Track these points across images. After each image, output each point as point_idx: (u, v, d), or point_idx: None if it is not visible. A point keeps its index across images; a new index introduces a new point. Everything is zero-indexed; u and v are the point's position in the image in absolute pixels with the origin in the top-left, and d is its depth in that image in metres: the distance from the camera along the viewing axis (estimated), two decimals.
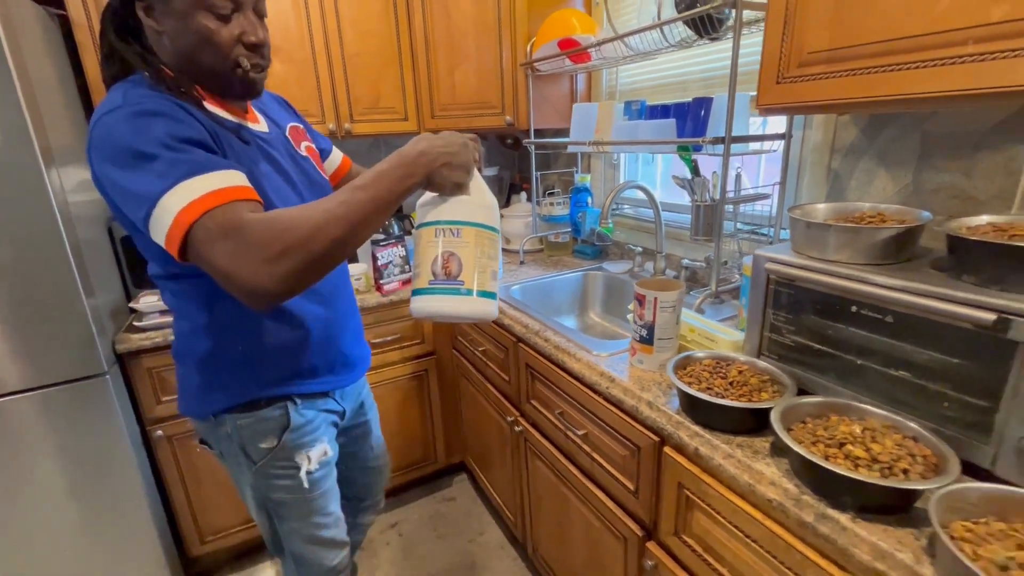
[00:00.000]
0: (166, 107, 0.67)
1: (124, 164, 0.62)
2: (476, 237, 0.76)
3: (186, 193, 0.61)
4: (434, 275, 0.74)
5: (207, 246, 0.60)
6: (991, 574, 0.49)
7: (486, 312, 0.76)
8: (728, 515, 0.77)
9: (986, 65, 0.64)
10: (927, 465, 0.63)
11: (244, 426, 0.87)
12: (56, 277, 1.18)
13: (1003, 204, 0.90)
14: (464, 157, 0.75)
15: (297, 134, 0.95)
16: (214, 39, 0.72)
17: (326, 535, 1.01)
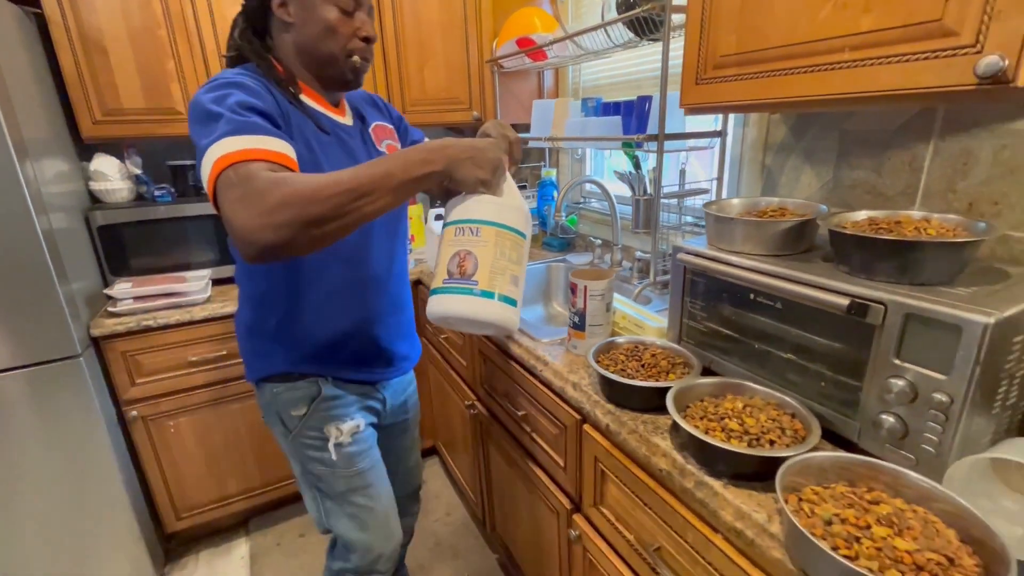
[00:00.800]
0: (247, 82, 0.76)
1: (197, 122, 0.70)
2: (497, 237, 0.71)
3: (227, 145, 0.66)
4: (449, 274, 0.71)
5: (223, 193, 0.64)
6: (815, 528, 0.55)
7: (502, 317, 0.71)
8: (631, 485, 0.83)
9: (858, 71, 0.69)
10: (795, 437, 0.69)
11: (278, 393, 0.95)
12: (30, 263, 1.25)
13: (908, 199, 0.95)
14: (491, 155, 0.73)
15: (381, 132, 1.01)
16: (337, 29, 0.83)
17: (367, 518, 1.02)
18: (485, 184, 0.73)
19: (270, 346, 0.93)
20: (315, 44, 0.84)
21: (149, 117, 1.58)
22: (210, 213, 1.67)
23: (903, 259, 0.66)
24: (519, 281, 0.74)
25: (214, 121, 0.68)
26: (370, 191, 0.65)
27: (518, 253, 0.74)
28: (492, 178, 0.74)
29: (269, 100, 0.77)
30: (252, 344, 0.96)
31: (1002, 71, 0.55)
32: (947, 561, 0.50)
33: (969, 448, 0.62)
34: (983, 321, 0.56)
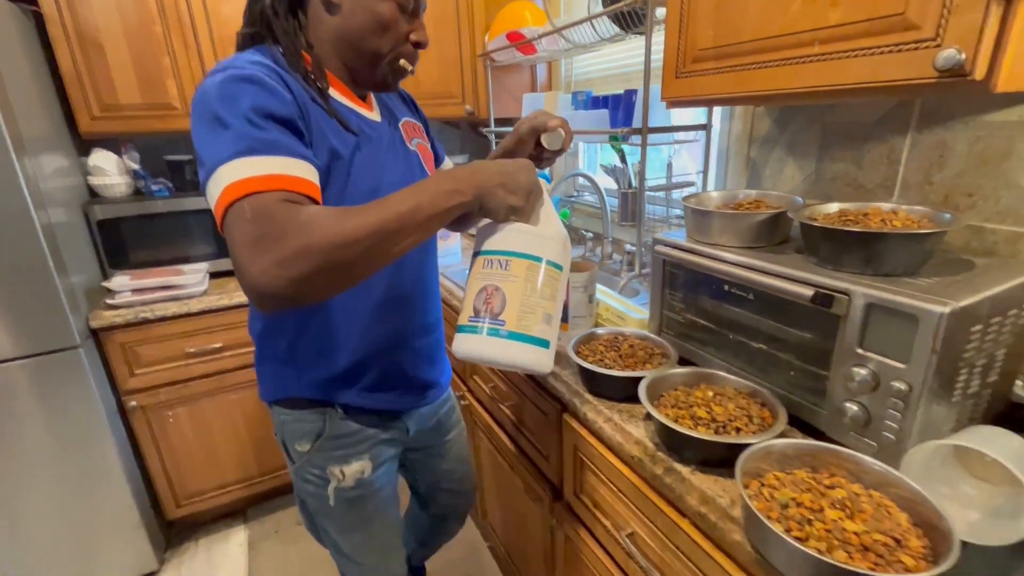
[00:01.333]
0: (264, 76, 0.65)
1: (204, 125, 0.62)
2: (528, 272, 0.65)
3: (241, 169, 0.58)
4: (476, 311, 0.66)
5: (235, 228, 0.56)
6: (772, 511, 0.57)
7: (531, 361, 0.65)
8: (606, 472, 0.85)
9: (828, 64, 0.70)
10: (762, 425, 0.71)
11: (286, 422, 0.86)
12: (30, 257, 1.28)
13: (886, 192, 0.96)
14: (523, 179, 0.67)
15: (411, 130, 0.92)
16: (392, 27, 0.73)
17: (370, 561, 0.97)
18: (517, 212, 0.67)
19: (282, 371, 0.84)
20: (362, 37, 0.73)
21: (146, 113, 1.61)
22: (207, 208, 1.69)
23: (867, 250, 0.67)
24: (553, 319, 0.67)
25: (224, 130, 0.60)
26: (398, 230, 0.58)
27: (552, 288, 0.67)
28: (525, 204, 0.67)
29: (288, 100, 0.66)
30: (263, 367, 0.88)
31: (959, 64, 0.56)
32: (894, 542, 0.51)
33: (930, 435, 0.63)
34: (939, 310, 0.57)
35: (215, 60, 1.65)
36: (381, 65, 0.77)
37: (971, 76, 0.57)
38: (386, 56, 0.76)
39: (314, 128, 0.70)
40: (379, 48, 0.75)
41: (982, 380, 0.67)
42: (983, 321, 0.61)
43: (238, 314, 1.63)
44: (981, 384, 0.67)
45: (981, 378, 0.66)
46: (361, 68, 0.77)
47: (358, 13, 0.72)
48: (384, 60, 0.76)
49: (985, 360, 0.65)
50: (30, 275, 1.29)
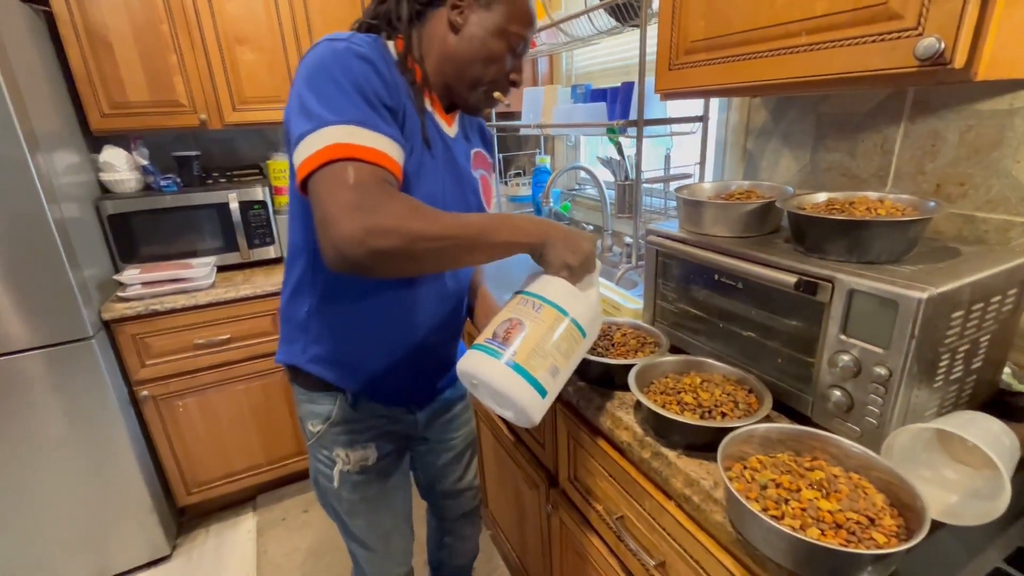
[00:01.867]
0: (379, 60, 0.69)
1: (318, 83, 0.64)
2: (555, 322, 0.67)
3: (352, 135, 0.61)
4: (493, 335, 0.67)
5: (332, 186, 0.59)
6: (751, 492, 0.58)
7: (523, 399, 0.63)
8: (598, 458, 0.87)
9: (814, 55, 0.71)
10: (747, 411, 0.72)
11: (301, 402, 0.91)
12: (42, 250, 1.32)
13: (880, 182, 0.96)
14: (585, 246, 0.72)
15: (480, 160, 0.95)
16: (497, 64, 0.78)
17: (374, 544, 1.00)
18: (569, 270, 0.71)
19: (297, 335, 0.87)
20: (469, 62, 0.77)
21: (154, 110, 1.65)
22: (214, 203, 1.73)
23: (851, 238, 0.68)
24: (559, 375, 0.67)
25: (337, 92, 0.63)
26: (473, 244, 0.64)
27: (569, 346, 0.69)
28: (578, 267, 0.71)
29: (395, 94, 0.70)
30: (284, 329, 0.90)
31: (939, 53, 0.57)
32: (868, 521, 0.53)
33: (911, 420, 0.65)
34: (917, 296, 0.58)
35: (221, 57, 1.68)
36: (477, 91, 0.81)
37: (951, 64, 0.57)
38: (484, 85, 0.80)
39: (407, 131, 0.74)
40: (481, 76, 0.79)
41: (966, 366, 0.67)
42: (964, 307, 0.62)
43: (244, 307, 1.67)
44: (965, 370, 0.68)
45: (964, 364, 0.67)
46: (458, 88, 0.81)
47: (474, 41, 0.76)
48: (481, 88, 0.80)
49: (968, 346, 0.66)
50: (44, 268, 1.33)
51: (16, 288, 1.31)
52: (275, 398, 1.81)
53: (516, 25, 0.77)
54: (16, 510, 1.44)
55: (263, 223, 1.82)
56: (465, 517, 1.24)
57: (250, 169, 1.98)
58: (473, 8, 0.75)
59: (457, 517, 1.23)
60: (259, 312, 1.70)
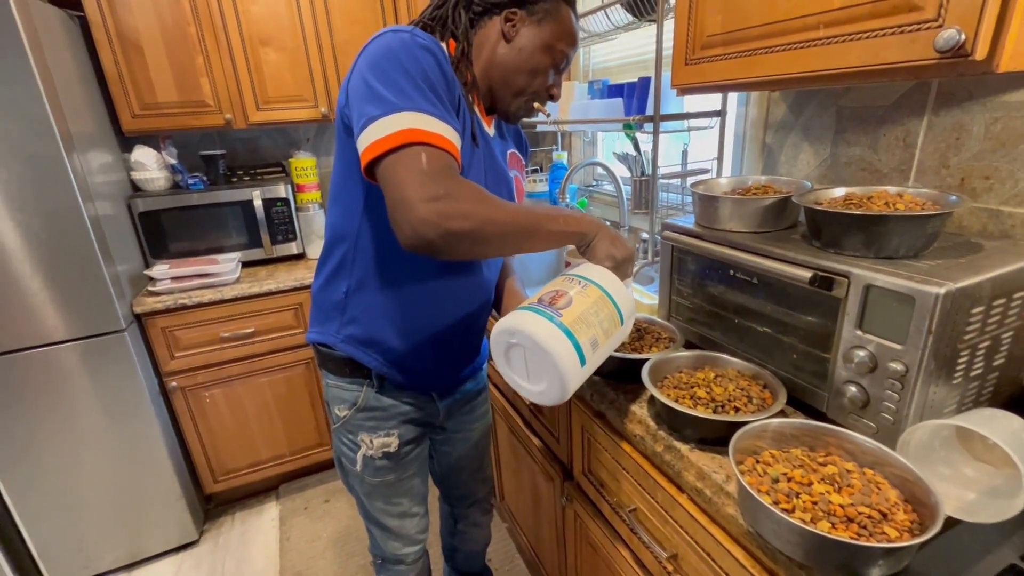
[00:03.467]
0: (440, 54, 0.72)
1: (386, 70, 0.66)
2: (599, 299, 0.68)
3: (424, 122, 0.64)
4: (539, 300, 0.68)
5: (407, 170, 0.61)
6: (762, 485, 0.58)
7: (563, 360, 0.62)
8: (611, 451, 0.88)
9: (831, 48, 0.70)
10: (761, 405, 0.72)
11: (329, 387, 0.94)
12: (78, 246, 1.38)
13: (902, 176, 0.95)
14: (629, 245, 0.76)
15: (514, 161, 0.99)
16: (541, 76, 0.83)
17: (389, 523, 1.04)
18: (613, 261, 0.74)
19: (333, 314, 0.89)
20: (514, 72, 0.82)
21: (182, 110, 1.70)
22: (239, 200, 1.78)
23: (867, 233, 0.67)
24: (598, 350, 0.67)
25: (406, 80, 0.66)
26: (534, 232, 0.68)
27: (609, 326, 0.69)
28: (621, 261, 0.75)
29: (453, 88, 0.74)
30: (316, 310, 0.93)
31: (959, 45, 0.56)
32: (880, 515, 0.53)
33: (928, 416, 0.64)
34: (934, 292, 0.57)
35: (245, 58, 1.72)
36: (519, 100, 0.85)
37: (972, 56, 0.57)
38: (526, 95, 0.85)
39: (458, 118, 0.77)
40: (525, 87, 0.84)
41: (987, 363, 0.66)
42: (985, 303, 0.61)
43: (268, 301, 1.71)
44: (986, 367, 0.67)
45: (986, 360, 0.66)
46: (502, 94, 0.85)
47: (523, 53, 0.81)
48: (523, 97, 0.85)
49: (989, 342, 0.65)
50: (80, 264, 1.39)
51: (54, 283, 1.38)
52: (297, 390, 1.86)
53: (562, 43, 0.82)
54: (57, 495, 1.52)
55: (286, 220, 1.87)
56: (477, 504, 1.27)
57: (273, 167, 2.03)
58: (525, 22, 0.80)
59: (470, 505, 1.26)
60: (282, 306, 1.74)
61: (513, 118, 0.89)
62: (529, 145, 1.11)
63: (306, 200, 1.97)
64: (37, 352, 1.40)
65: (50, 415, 1.46)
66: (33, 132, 1.27)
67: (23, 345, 1.39)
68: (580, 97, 1.52)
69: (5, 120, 1.24)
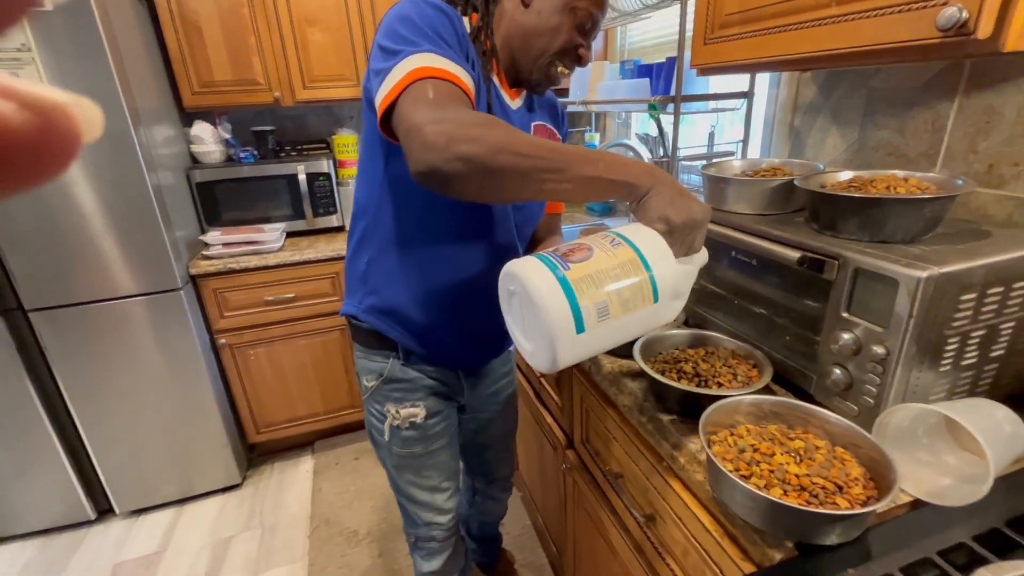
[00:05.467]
0: (453, 14, 0.72)
1: (395, 28, 0.67)
2: (627, 264, 0.57)
3: (427, 60, 0.64)
4: (555, 250, 0.60)
5: (414, 102, 0.60)
6: (728, 454, 0.61)
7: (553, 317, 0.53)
8: (604, 421, 0.92)
9: (842, 26, 0.70)
10: (746, 383, 0.74)
11: (359, 358, 0.96)
12: (142, 211, 1.53)
13: (929, 162, 0.91)
14: (695, 209, 0.60)
15: (540, 132, 0.95)
16: (562, 36, 0.79)
17: (419, 496, 1.04)
18: (666, 224, 0.59)
19: (356, 285, 0.91)
20: (534, 35, 0.79)
21: (235, 88, 1.82)
22: (285, 174, 1.90)
23: (862, 216, 0.67)
24: (607, 321, 0.56)
25: (416, 33, 0.66)
26: (561, 168, 0.58)
27: (633, 299, 0.57)
28: (679, 227, 0.59)
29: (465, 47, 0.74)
30: (346, 282, 0.95)
31: (961, 23, 0.55)
32: (836, 488, 0.54)
33: (913, 401, 0.64)
34: (916, 275, 0.57)
35: (293, 38, 1.82)
36: (540, 64, 0.82)
37: (975, 35, 0.55)
38: (548, 57, 0.81)
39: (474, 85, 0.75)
40: (545, 48, 0.80)
41: (982, 352, 0.65)
42: (977, 290, 0.60)
43: (308, 269, 1.83)
44: (982, 357, 0.65)
45: (980, 350, 0.65)
46: (523, 61, 0.82)
47: (543, 14, 0.78)
48: (545, 60, 0.81)
49: (984, 331, 0.64)
50: (144, 227, 1.55)
51: (122, 243, 1.54)
52: (333, 354, 1.99)
53: (584, 1, 0.77)
54: (123, 431, 1.71)
55: (327, 194, 1.98)
56: (498, 483, 1.29)
57: (318, 143, 2.14)
58: None
59: (491, 482, 1.28)
60: (321, 275, 1.86)
61: (536, 85, 0.86)
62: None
63: (347, 175, 2.07)
64: (107, 304, 1.58)
65: (117, 360, 1.64)
66: (105, 107, 1.38)
67: (97, 297, 1.56)
68: (611, 77, 1.52)
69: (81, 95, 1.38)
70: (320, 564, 1.60)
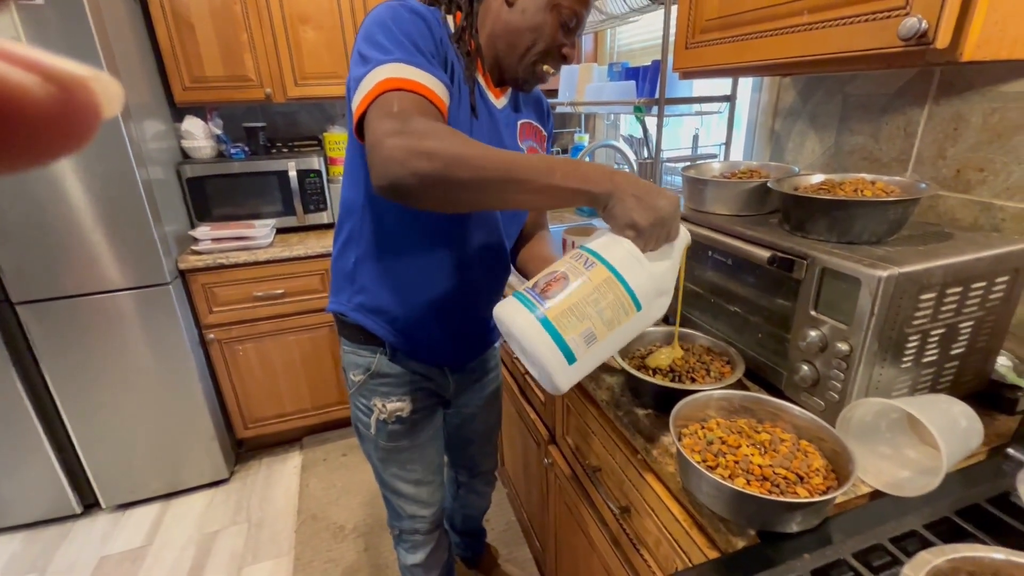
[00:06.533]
0: (431, 17, 0.73)
1: (372, 34, 0.68)
2: (603, 284, 0.58)
3: (397, 71, 0.64)
4: (534, 285, 0.61)
5: (379, 115, 0.62)
6: (696, 446, 0.63)
7: (546, 359, 0.56)
8: (583, 416, 0.94)
9: (812, 34, 0.72)
10: (718, 378, 0.76)
11: (346, 352, 0.96)
12: (132, 205, 1.53)
13: (901, 166, 0.94)
14: (661, 204, 0.60)
15: (529, 131, 0.94)
16: (546, 35, 0.78)
17: (404, 489, 1.05)
18: (635, 230, 0.60)
19: (344, 284, 0.92)
20: (518, 33, 0.79)
21: (227, 84, 1.83)
22: (275, 170, 1.91)
23: (830, 218, 0.69)
24: (595, 344, 0.58)
25: (390, 40, 0.67)
26: (522, 180, 0.59)
27: (615, 315, 0.59)
28: (648, 228, 0.60)
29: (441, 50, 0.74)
30: (333, 280, 0.95)
31: (920, 33, 0.57)
32: (797, 478, 0.57)
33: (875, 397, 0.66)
34: (877, 275, 0.60)
35: (286, 35, 1.83)
36: (525, 62, 0.81)
37: (934, 44, 0.57)
38: (533, 56, 0.80)
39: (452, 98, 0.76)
40: (529, 47, 0.79)
41: (942, 350, 0.68)
42: (936, 290, 0.63)
43: (297, 265, 1.84)
44: (942, 355, 0.68)
45: (941, 348, 0.67)
46: (508, 60, 0.82)
47: (527, 12, 0.78)
48: (530, 59, 0.81)
49: (944, 330, 0.66)
50: (133, 221, 1.55)
51: (112, 237, 1.54)
52: (322, 350, 2.00)
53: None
54: (110, 425, 1.71)
55: (318, 190, 1.98)
56: (481, 476, 1.31)
57: (309, 140, 2.15)
58: None
59: (474, 475, 1.30)
60: (310, 271, 1.87)
61: (523, 83, 0.85)
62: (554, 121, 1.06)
63: (338, 173, 2.08)
64: (95, 298, 1.58)
65: (106, 354, 1.64)
66: None
67: (85, 291, 1.56)
68: (598, 78, 1.54)
69: None
70: (306, 559, 1.61)
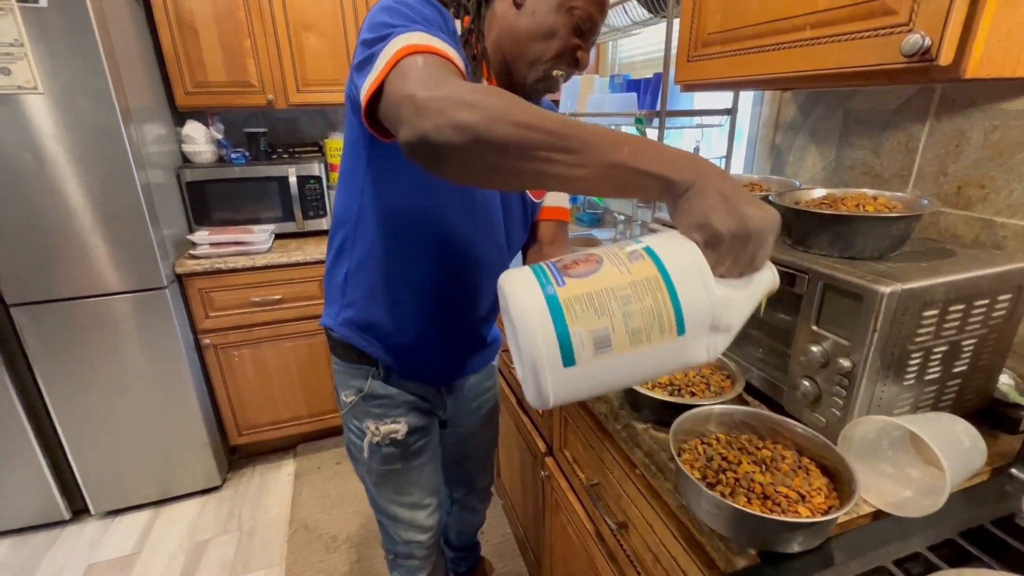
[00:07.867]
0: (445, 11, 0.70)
1: (379, 20, 0.62)
2: (645, 284, 0.44)
3: (415, 38, 0.58)
4: (558, 260, 0.48)
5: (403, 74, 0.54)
6: (696, 462, 0.62)
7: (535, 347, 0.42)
8: (581, 429, 0.93)
9: (814, 49, 0.72)
10: (718, 392, 0.75)
11: (338, 371, 0.93)
12: (130, 208, 1.53)
13: (902, 182, 0.94)
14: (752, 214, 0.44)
15: None
16: (558, 38, 0.74)
17: (399, 514, 1.02)
18: (707, 234, 0.45)
19: (335, 296, 0.89)
20: (526, 38, 0.75)
21: (229, 89, 1.83)
22: (275, 176, 1.90)
23: (832, 233, 0.69)
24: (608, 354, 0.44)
25: (401, 18, 0.61)
26: (575, 148, 0.47)
27: (647, 327, 0.44)
28: (727, 239, 0.44)
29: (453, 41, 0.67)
30: (326, 292, 0.92)
31: (923, 49, 0.57)
32: (799, 496, 0.56)
33: (877, 414, 0.65)
34: (880, 291, 0.59)
35: (289, 42, 1.83)
36: (536, 70, 0.77)
37: (937, 61, 0.57)
38: (543, 63, 0.76)
39: None
40: (541, 54, 0.75)
41: (945, 368, 0.67)
42: (939, 307, 0.62)
43: (295, 271, 1.83)
44: (944, 372, 0.67)
45: (943, 365, 0.67)
46: (517, 66, 0.77)
47: (536, 15, 0.73)
48: (540, 66, 0.76)
49: (947, 347, 0.65)
50: (131, 225, 1.54)
51: (108, 240, 1.53)
52: (319, 357, 1.98)
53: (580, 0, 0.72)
54: (102, 429, 1.69)
55: (317, 197, 1.98)
56: (476, 493, 1.28)
57: (310, 147, 2.15)
58: None
59: (469, 492, 1.28)
60: (308, 277, 1.86)
61: (532, 92, 0.80)
62: None
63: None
64: (91, 301, 1.57)
65: (101, 359, 1.62)
66: (96, 104, 1.41)
67: (80, 293, 1.55)
68: (600, 90, 1.55)
69: (72, 92, 1.39)
70: (297, 569, 1.59)
